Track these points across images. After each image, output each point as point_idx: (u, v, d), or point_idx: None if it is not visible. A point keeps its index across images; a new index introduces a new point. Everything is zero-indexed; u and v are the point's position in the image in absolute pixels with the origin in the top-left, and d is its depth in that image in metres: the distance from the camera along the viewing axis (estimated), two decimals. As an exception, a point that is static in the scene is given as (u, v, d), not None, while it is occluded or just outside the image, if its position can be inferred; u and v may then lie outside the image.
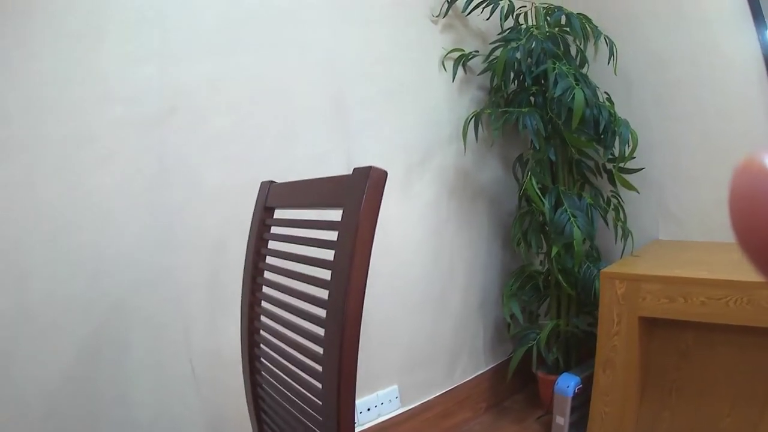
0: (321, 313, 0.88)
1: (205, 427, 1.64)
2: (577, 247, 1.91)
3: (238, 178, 1.60)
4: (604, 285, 1.83)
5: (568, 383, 1.99)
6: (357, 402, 1.94)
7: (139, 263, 1.50)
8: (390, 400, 2.08)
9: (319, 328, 0.89)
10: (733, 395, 1.73)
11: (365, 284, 0.84)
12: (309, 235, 1.00)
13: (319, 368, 0.90)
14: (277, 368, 1.11)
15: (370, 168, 0.84)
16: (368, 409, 2.00)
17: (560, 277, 2.04)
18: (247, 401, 1.31)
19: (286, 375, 1.06)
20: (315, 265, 0.94)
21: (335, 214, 0.87)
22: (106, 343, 1.46)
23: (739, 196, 0.21)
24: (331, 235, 0.87)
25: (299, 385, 1.01)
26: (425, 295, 2.17)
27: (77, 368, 1.42)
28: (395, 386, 2.10)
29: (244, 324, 1.21)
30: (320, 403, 0.91)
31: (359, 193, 0.84)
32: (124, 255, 1.47)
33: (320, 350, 0.90)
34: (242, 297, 1.21)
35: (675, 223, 2.21)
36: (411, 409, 2.15)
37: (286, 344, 1.06)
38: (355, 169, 0.87)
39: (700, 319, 1.66)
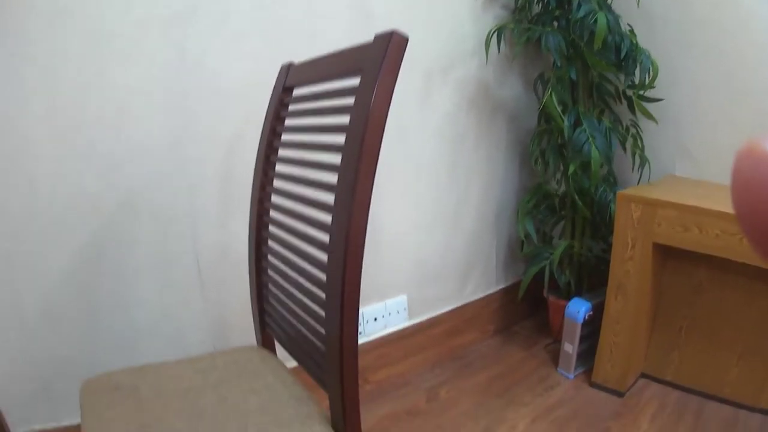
0: (334, 179, 0.88)
1: (207, 329, 1.66)
2: (594, 167, 1.88)
3: (258, 77, 1.57)
4: (620, 207, 1.81)
5: (578, 308, 1.98)
6: (364, 310, 1.98)
7: (152, 157, 1.49)
8: (398, 311, 2.09)
9: (331, 196, 0.89)
10: (742, 346, 1.74)
11: (380, 145, 0.83)
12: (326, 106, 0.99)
13: (327, 238, 0.91)
14: (284, 247, 1.13)
15: (392, 32, 0.82)
16: (375, 319, 2.02)
17: (576, 197, 2.02)
18: (251, 295, 1.33)
19: (293, 253, 1.08)
20: (330, 132, 0.93)
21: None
22: (111, 240, 1.46)
23: (742, 181, 0.21)
24: (349, 102, 0.86)
25: (304, 260, 1.03)
26: (439, 206, 2.16)
27: (79, 267, 1.42)
28: (404, 296, 2.11)
29: (254, 206, 1.21)
30: (324, 277, 0.92)
31: (380, 55, 0.82)
32: (137, 150, 1.46)
33: (329, 218, 0.90)
34: (254, 177, 1.21)
35: (691, 161, 2.18)
36: (419, 323, 2.16)
37: (295, 220, 1.07)
38: (376, 35, 0.85)
39: (713, 252, 1.64)
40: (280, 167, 1.16)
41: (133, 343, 1.52)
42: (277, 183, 1.16)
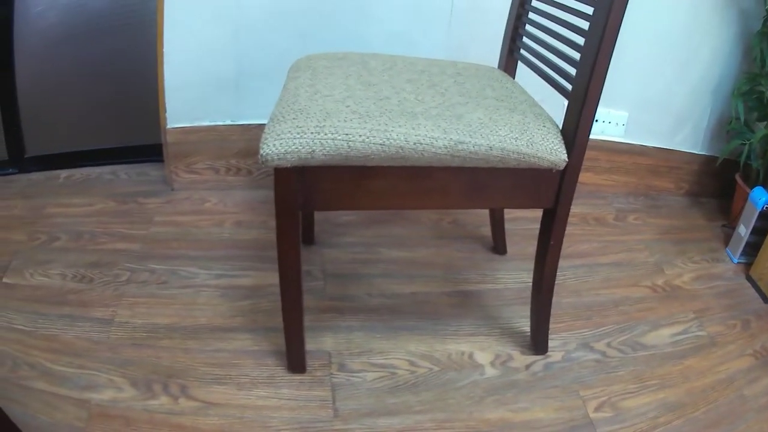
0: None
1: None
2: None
3: None
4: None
5: (761, 196, 1.98)
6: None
7: None
8: (617, 124, 2.28)
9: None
10: None
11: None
12: None
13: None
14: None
15: None
16: (596, 121, 2.18)
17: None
18: (507, 21, 1.51)
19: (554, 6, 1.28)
20: None
21: None
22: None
23: None
24: None
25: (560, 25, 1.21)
26: (674, 42, 2.20)
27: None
28: (626, 114, 2.28)
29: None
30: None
31: None
32: None
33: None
34: None
35: None
36: (632, 145, 2.33)
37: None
38: None
39: None
40: None
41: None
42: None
